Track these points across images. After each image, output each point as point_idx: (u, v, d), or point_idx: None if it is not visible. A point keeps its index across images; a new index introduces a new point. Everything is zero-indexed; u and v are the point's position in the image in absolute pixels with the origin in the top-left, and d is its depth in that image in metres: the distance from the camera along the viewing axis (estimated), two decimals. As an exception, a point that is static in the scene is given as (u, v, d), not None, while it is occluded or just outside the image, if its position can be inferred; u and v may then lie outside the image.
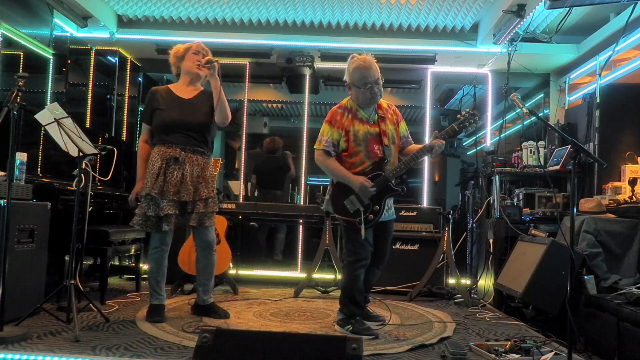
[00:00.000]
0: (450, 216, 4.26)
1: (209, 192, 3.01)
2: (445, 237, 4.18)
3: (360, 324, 2.90)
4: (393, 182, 2.86)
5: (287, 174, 5.98)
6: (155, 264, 3.05)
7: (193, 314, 3.20)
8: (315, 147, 2.95)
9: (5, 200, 2.51)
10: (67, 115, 2.82)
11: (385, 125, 2.95)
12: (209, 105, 3.06)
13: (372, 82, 2.85)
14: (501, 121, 5.29)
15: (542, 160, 4.58)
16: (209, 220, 3.03)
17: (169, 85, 3.15)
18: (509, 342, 2.58)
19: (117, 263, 4.71)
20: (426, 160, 5.62)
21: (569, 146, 4.06)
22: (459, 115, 2.96)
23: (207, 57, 3.02)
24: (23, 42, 4.08)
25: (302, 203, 5.91)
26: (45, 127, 2.88)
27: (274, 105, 7.59)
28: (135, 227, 2.95)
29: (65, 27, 4.81)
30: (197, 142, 3.02)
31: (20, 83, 2.53)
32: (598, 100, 4.43)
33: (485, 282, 4.46)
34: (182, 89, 3.11)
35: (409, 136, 3.12)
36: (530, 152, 4.63)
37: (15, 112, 2.51)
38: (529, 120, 5.60)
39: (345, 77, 2.95)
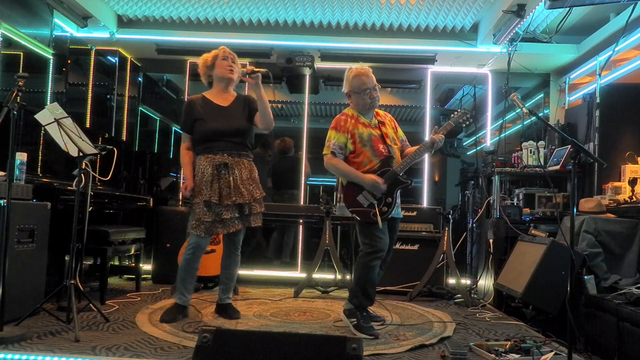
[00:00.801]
0: (450, 216, 4.27)
1: (261, 192, 3.15)
2: (445, 237, 4.18)
3: (365, 320, 2.92)
4: (401, 175, 3.01)
5: (302, 173, 5.95)
6: (186, 263, 3.09)
7: (215, 312, 3.27)
8: (324, 152, 3.08)
9: (5, 200, 2.51)
10: (67, 115, 2.82)
11: (385, 129, 3.13)
12: (247, 110, 3.15)
13: (370, 88, 3.06)
14: (501, 121, 5.28)
15: (542, 160, 4.58)
16: (255, 221, 3.15)
17: (204, 94, 3.20)
18: (509, 342, 2.58)
19: (117, 263, 4.71)
20: (426, 160, 5.63)
21: (569, 146, 4.06)
22: (452, 114, 3.16)
23: (250, 67, 3.04)
24: (23, 42, 4.08)
25: (302, 203, 5.90)
26: (45, 127, 2.88)
27: (274, 105, 7.59)
28: (192, 232, 3.03)
29: (65, 27, 4.80)
30: (240, 146, 3.09)
31: (20, 83, 2.53)
32: (598, 100, 4.43)
33: (485, 282, 4.47)
34: (218, 97, 3.17)
35: (406, 140, 3.30)
36: (530, 152, 4.63)
37: (15, 112, 2.51)
38: (529, 120, 5.60)
39: (344, 87, 3.14)
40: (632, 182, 3.83)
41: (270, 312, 3.47)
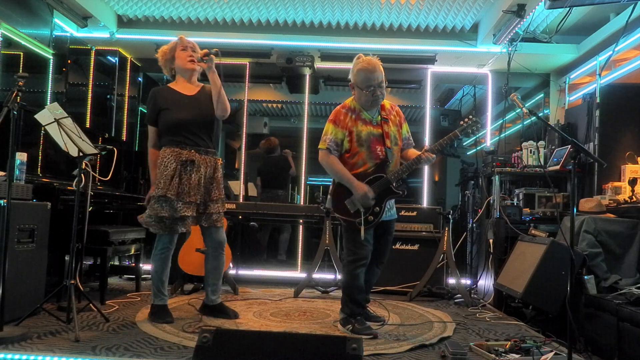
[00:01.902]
0: (450, 216, 4.26)
1: (220, 193, 3.05)
2: (445, 237, 4.18)
3: (360, 323, 2.90)
4: (394, 184, 2.88)
5: (288, 172, 6.00)
6: (161, 263, 3.05)
7: (202, 314, 3.20)
8: (319, 146, 2.96)
9: (5, 200, 2.51)
10: (67, 115, 2.82)
11: (388, 127, 2.96)
12: (212, 101, 3.05)
13: (374, 85, 2.86)
14: (501, 121, 5.28)
15: (542, 160, 4.57)
16: (221, 220, 3.07)
17: (169, 85, 3.14)
18: (509, 342, 2.58)
19: (117, 263, 4.71)
20: (426, 160, 5.62)
21: (569, 146, 4.06)
22: (461, 122, 2.95)
23: (204, 50, 2.96)
24: (23, 42, 4.08)
25: (302, 203, 5.91)
26: (45, 127, 2.88)
27: (274, 105, 7.59)
28: (148, 228, 2.95)
29: (65, 27, 4.80)
30: (206, 141, 3.02)
31: (20, 83, 2.53)
32: (598, 100, 4.43)
33: (485, 282, 4.46)
34: (184, 87, 3.10)
35: (411, 138, 3.13)
36: (530, 152, 4.63)
37: (15, 112, 2.51)
38: (529, 120, 5.59)
39: (350, 77, 2.98)
40: (632, 182, 3.83)
41: (270, 312, 3.47)
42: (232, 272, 4.48)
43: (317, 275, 4.42)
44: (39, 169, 3.65)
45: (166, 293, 3.10)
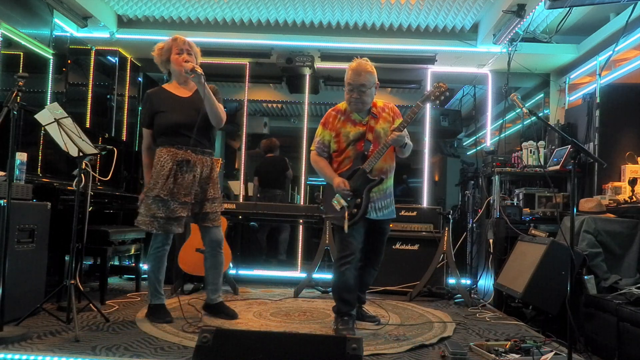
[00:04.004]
0: (450, 216, 4.26)
1: (215, 192, 3.05)
2: (445, 237, 4.18)
3: (344, 323, 2.86)
4: (370, 173, 2.85)
5: (286, 174, 6.00)
6: (157, 263, 3.05)
7: (203, 312, 3.21)
8: (310, 148, 3.04)
9: (5, 200, 2.51)
10: (67, 115, 2.82)
11: (375, 123, 2.95)
12: None
13: (353, 86, 2.87)
14: (501, 121, 5.28)
15: (542, 160, 4.58)
16: (218, 219, 3.07)
17: (163, 86, 3.12)
18: (509, 342, 2.58)
19: (117, 263, 4.71)
20: (426, 160, 5.63)
21: (569, 146, 4.06)
22: (425, 92, 2.93)
23: (191, 64, 2.87)
24: (23, 42, 4.08)
25: (302, 203, 5.91)
26: (45, 127, 2.87)
27: (274, 105, 7.59)
28: (141, 227, 2.93)
29: (65, 27, 4.80)
30: (202, 142, 3.01)
31: (20, 83, 2.53)
32: (598, 100, 4.43)
33: (485, 282, 4.46)
34: (178, 88, 3.08)
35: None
36: (530, 152, 4.63)
37: (15, 112, 2.51)
38: (529, 120, 5.60)
39: None
40: (632, 182, 3.83)
41: (270, 312, 3.47)
42: (232, 272, 4.48)
43: (317, 275, 4.42)
44: (39, 169, 3.65)
45: (163, 292, 3.10)
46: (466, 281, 4.75)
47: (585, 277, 3.44)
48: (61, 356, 2.26)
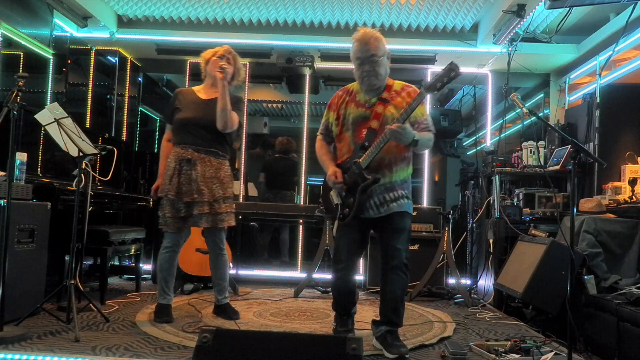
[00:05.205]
0: (450, 216, 4.26)
1: (223, 192, 3.02)
2: (445, 237, 4.18)
3: (340, 324, 2.78)
4: (365, 170, 2.49)
5: (294, 176, 5.97)
6: (165, 263, 3.06)
7: (213, 314, 3.24)
8: (317, 133, 2.85)
9: (5, 200, 2.51)
10: (67, 115, 2.82)
11: (383, 108, 2.54)
12: None
13: (362, 59, 2.53)
14: (501, 121, 5.28)
15: (542, 160, 4.58)
16: (222, 221, 3.01)
17: (194, 88, 3.20)
18: (509, 342, 2.58)
19: (117, 263, 4.71)
20: (426, 160, 5.63)
21: (569, 146, 4.05)
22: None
23: (223, 63, 2.99)
24: (23, 42, 4.08)
25: (302, 203, 5.90)
26: (45, 127, 2.88)
27: (274, 105, 7.59)
28: (162, 229, 3.02)
29: (65, 27, 4.80)
30: (210, 142, 3.02)
31: (20, 83, 2.53)
32: (598, 100, 4.43)
33: (485, 282, 4.46)
34: (204, 91, 3.15)
35: (424, 122, 2.61)
36: (530, 152, 4.63)
37: (15, 112, 2.51)
38: (529, 120, 5.59)
39: None
40: (632, 182, 3.83)
41: (270, 312, 3.47)
42: (232, 272, 4.48)
43: (317, 275, 4.42)
44: (39, 169, 3.65)
45: (170, 293, 3.11)
46: (466, 281, 4.75)
47: (585, 277, 3.44)
48: (61, 356, 2.26)
